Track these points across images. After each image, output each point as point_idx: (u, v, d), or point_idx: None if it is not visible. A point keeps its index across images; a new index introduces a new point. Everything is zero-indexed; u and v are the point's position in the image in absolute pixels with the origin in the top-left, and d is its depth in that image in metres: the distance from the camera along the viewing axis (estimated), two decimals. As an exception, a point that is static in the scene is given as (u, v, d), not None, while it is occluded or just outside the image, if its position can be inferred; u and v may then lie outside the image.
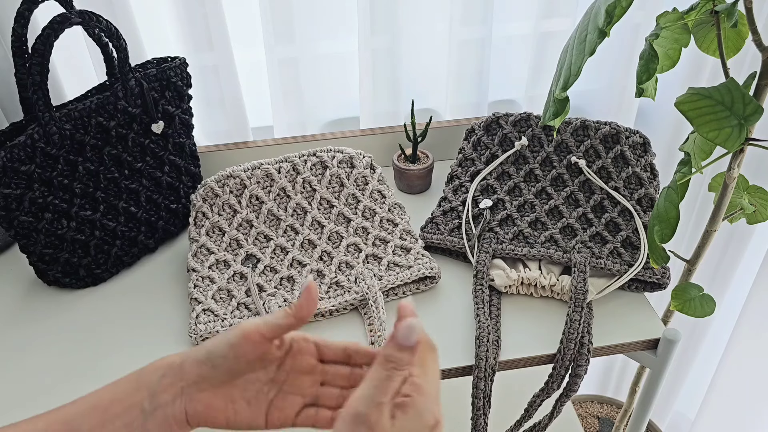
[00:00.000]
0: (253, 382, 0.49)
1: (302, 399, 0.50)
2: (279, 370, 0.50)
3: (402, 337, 0.42)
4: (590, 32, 0.56)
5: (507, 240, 0.83)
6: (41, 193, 0.76)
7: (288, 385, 0.50)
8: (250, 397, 0.49)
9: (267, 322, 0.47)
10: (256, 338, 0.46)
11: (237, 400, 0.48)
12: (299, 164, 0.86)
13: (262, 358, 0.48)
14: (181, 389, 0.46)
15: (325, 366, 0.50)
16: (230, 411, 0.48)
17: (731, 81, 0.58)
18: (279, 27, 0.96)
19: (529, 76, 1.08)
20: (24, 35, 0.75)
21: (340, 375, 0.50)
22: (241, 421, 0.48)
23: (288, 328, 0.47)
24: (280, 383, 0.50)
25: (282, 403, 0.49)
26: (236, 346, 0.46)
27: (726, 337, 1.21)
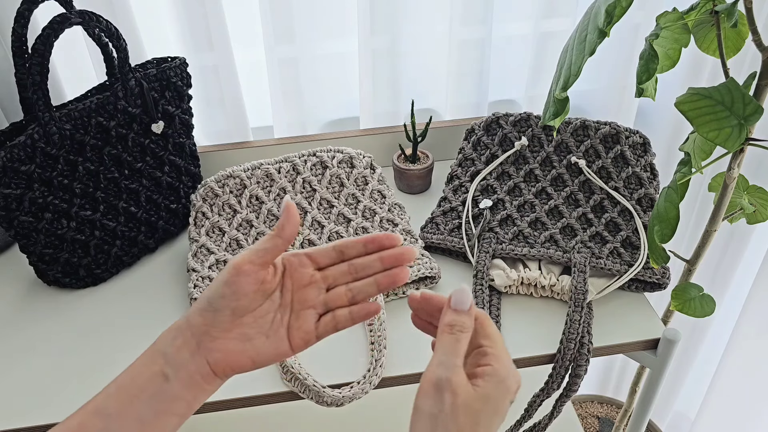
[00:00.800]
0: (263, 315, 0.49)
1: (315, 311, 0.50)
2: (282, 294, 0.50)
3: (456, 302, 0.44)
4: (590, 32, 0.56)
5: (507, 240, 0.83)
6: (41, 193, 0.76)
7: (296, 303, 0.50)
8: (266, 329, 0.49)
9: (255, 249, 0.47)
10: (249, 269, 0.46)
11: (253, 336, 0.48)
12: (299, 164, 0.86)
13: (262, 289, 0.48)
14: (196, 344, 0.47)
15: (324, 271, 0.51)
16: (251, 350, 0.48)
17: (731, 81, 0.58)
18: (279, 27, 0.96)
19: (529, 76, 1.08)
20: (24, 35, 0.75)
21: (340, 273, 0.51)
22: (266, 355, 0.49)
23: (276, 250, 0.47)
24: (289, 305, 0.50)
25: (298, 323, 0.50)
26: (232, 282, 0.46)
27: (726, 337, 1.21)
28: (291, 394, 0.70)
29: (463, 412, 0.40)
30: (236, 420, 1.12)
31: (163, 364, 0.46)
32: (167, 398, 0.46)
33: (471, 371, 0.43)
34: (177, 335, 0.47)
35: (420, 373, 0.71)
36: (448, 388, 0.41)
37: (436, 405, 0.41)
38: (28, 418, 0.68)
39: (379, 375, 0.69)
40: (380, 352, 0.71)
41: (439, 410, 0.40)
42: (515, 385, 0.43)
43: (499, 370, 0.43)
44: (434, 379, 0.41)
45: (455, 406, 0.40)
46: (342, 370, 0.71)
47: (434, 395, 0.41)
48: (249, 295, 0.47)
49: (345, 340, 0.75)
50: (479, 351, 0.44)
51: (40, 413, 0.68)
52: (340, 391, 0.67)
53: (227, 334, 0.47)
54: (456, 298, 0.45)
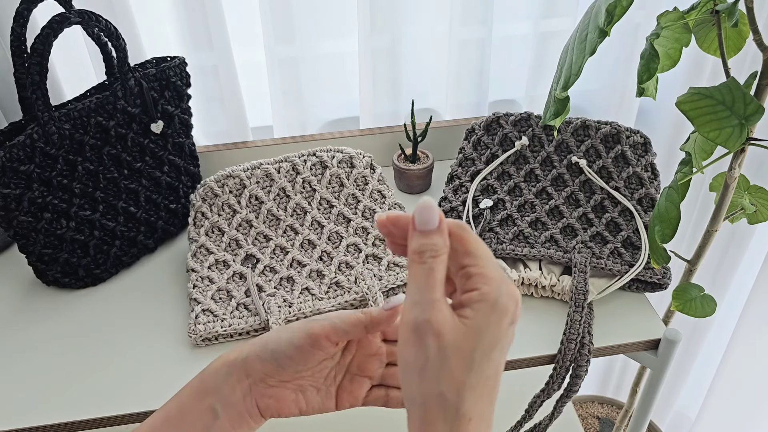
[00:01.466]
0: (321, 369, 0.48)
1: (370, 381, 0.50)
2: (344, 354, 0.49)
3: (421, 222, 0.36)
4: (591, 32, 0.56)
5: (507, 240, 0.83)
6: (40, 193, 0.76)
7: (355, 368, 0.49)
8: (319, 384, 0.48)
9: (336, 328, 0.45)
10: (324, 343, 0.45)
11: (306, 388, 0.48)
12: (299, 164, 0.86)
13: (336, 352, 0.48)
14: (249, 386, 0.46)
15: (391, 345, 0.50)
16: (301, 401, 0.48)
17: (732, 81, 0.58)
18: (279, 27, 0.96)
19: (529, 76, 1.08)
20: (23, 35, 0.74)
21: None
22: (312, 408, 0.48)
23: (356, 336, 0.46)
24: (346, 366, 0.49)
25: (350, 386, 0.49)
26: (303, 350, 0.45)
27: (727, 337, 1.21)
28: (291, 394, 0.69)
29: (453, 354, 0.33)
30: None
31: (213, 401, 0.45)
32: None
33: (458, 300, 0.35)
34: (231, 372, 0.46)
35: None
36: (430, 331, 0.33)
37: (420, 353, 0.34)
38: (28, 418, 0.68)
39: (379, 375, 0.69)
40: (380, 352, 0.70)
41: (425, 358, 0.34)
42: (512, 302, 0.35)
43: (488, 293, 0.34)
44: (412, 323, 0.34)
45: (442, 350, 0.33)
46: (342, 371, 0.71)
47: (416, 342, 0.34)
48: (315, 364, 0.47)
49: (345, 341, 0.75)
50: (462, 273, 0.36)
51: (40, 413, 0.68)
52: (340, 392, 0.67)
53: (284, 384, 0.47)
54: (420, 217, 0.36)
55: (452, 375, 0.33)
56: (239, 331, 0.75)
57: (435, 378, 0.34)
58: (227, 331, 0.74)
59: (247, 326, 0.75)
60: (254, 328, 0.76)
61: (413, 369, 0.34)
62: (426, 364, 0.34)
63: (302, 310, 0.76)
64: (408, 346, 0.34)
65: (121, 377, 0.72)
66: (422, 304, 0.34)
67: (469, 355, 0.34)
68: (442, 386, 0.33)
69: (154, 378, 0.72)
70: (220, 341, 0.75)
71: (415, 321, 0.34)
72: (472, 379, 0.34)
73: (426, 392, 0.34)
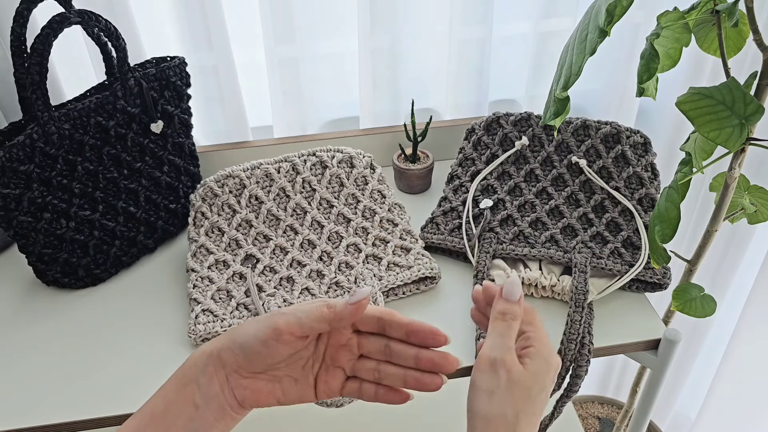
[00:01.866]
0: (296, 360, 0.49)
1: (343, 372, 0.51)
2: (317, 345, 0.50)
3: (508, 293, 0.50)
4: (591, 31, 0.55)
5: (507, 240, 0.83)
6: (40, 193, 0.76)
7: (329, 358, 0.51)
8: (296, 374, 0.50)
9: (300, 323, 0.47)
10: (288, 338, 0.47)
11: (282, 379, 0.49)
12: (299, 164, 0.86)
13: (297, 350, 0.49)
14: (225, 377, 0.47)
15: (361, 339, 0.51)
16: (278, 391, 0.49)
17: (732, 80, 0.58)
18: (279, 27, 0.96)
19: (529, 76, 1.08)
20: (23, 35, 0.74)
21: (376, 348, 0.50)
22: (291, 398, 0.50)
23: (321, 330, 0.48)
24: (321, 357, 0.51)
25: (326, 376, 0.51)
26: (269, 344, 0.47)
27: (727, 337, 1.21)
28: (290, 394, 0.69)
29: (516, 387, 0.46)
30: (236, 420, 1.12)
31: (195, 392, 0.47)
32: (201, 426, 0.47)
33: (518, 353, 0.48)
34: (208, 363, 0.47)
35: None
36: (503, 367, 0.46)
37: (493, 381, 0.46)
38: (28, 418, 0.68)
39: (378, 375, 0.69)
40: (380, 352, 0.70)
41: (496, 386, 0.46)
42: (555, 364, 0.50)
43: (542, 350, 0.49)
44: (490, 358, 0.47)
45: (510, 382, 0.46)
46: (342, 371, 0.71)
47: (490, 373, 0.46)
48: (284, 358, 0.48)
49: (345, 341, 0.75)
50: (524, 336, 0.50)
51: (40, 413, 0.68)
52: (340, 392, 0.67)
53: (258, 375, 0.48)
54: (507, 290, 0.50)
55: (515, 402, 0.46)
56: (239, 331, 0.75)
57: (501, 402, 0.46)
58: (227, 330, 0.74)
59: (247, 326, 0.75)
60: (254, 328, 0.75)
61: (484, 392, 0.46)
62: (495, 390, 0.46)
63: (302, 310, 0.76)
64: (483, 374, 0.47)
65: (121, 377, 0.72)
66: (500, 347, 0.47)
67: (527, 390, 0.47)
68: (506, 409, 0.46)
69: (154, 378, 0.71)
70: (220, 341, 0.75)
71: (494, 357, 0.47)
72: (528, 408, 0.46)
73: (492, 411, 0.46)
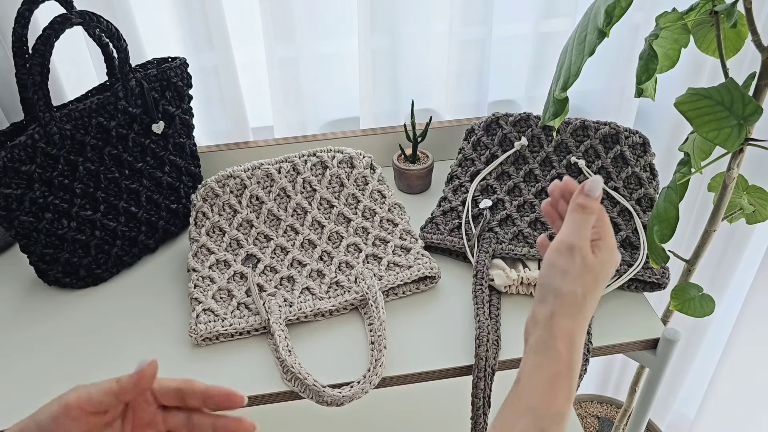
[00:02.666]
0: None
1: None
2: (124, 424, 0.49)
3: (590, 189, 0.54)
4: (590, 32, 0.56)
5: (507, 240, 0.83)
6: (42, 193, 0.76)
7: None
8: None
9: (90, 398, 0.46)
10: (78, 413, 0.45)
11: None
12: (299, 164, 0.86)
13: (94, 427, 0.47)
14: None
15: (165, 414, 0.50)
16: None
17: (731, 81, 0.58)
18: (279, 27, 0.96)
19: (528, 76, 1.08)
20: (24, 35, 0.75)
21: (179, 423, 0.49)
22: None
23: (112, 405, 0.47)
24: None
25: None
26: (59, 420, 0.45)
27: (725, 336, 1.21)
28: (291, 393, 0.70)
29: (588, 272, 0.52)
30: (236, 420, 1.12)
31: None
32: None
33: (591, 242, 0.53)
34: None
35: (419, 373, 0.71)
36: (579, 252, 0.52)
37: (568, 263, 0.52)
38: (28, 417, 0.68)
39: (379, 375, 0.69)
40: (380, 352, 0.71)
41: (571, 267, 0.51)
42: (618, 258, 0.55)
43: (608, 242, 0.54)
44: (569, 242, 0.52)
45: (584, 266, 0.51)
46: (342, 370, 0.71)
47: (567, 255, 0.52)
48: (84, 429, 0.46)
49: (345, 340, 0.75)
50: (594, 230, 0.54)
51: (41, 413, 0.68)
52: (340, 391, 0.68)
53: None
54: (590, 186, 0.54)
55: (585, 284, 0.51)
56: (240, 330, 0.75)
57: (574, 282, 0.51)
58: (228, 330, 0.74)
59: (248, 326, 0.75)
60: (255, 327, 0.76)
61: (559, 271, 0.52)
62: (570, 271, 0.51)
63: (302, 310, 0.77)
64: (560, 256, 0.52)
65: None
66: (578, 235, 0.53)
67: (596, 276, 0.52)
68: (577, 288, 0.51)
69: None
70: (221, 341, 0.76)
71: (572, 243, 0.52)
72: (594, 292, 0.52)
73: (565, 288, 0.51)
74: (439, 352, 0.73)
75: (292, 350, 0.72)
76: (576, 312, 0.51)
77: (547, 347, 0.50)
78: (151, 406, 0.49)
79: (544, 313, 0.51)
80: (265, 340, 0.76)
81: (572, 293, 0.51)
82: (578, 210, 0.54)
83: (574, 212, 0.54)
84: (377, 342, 0.72)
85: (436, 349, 0.73)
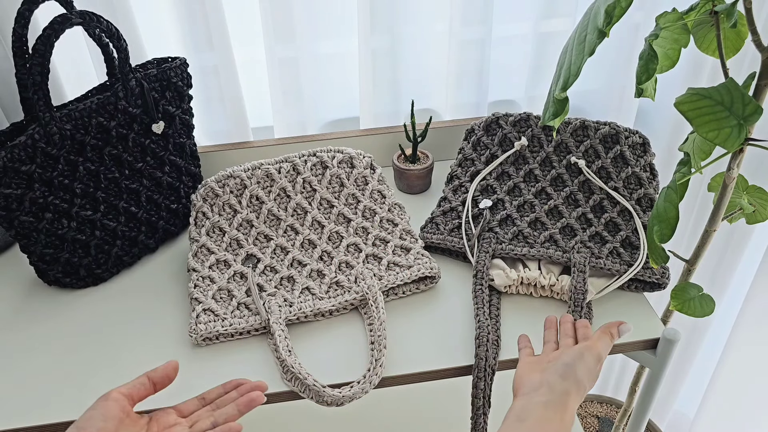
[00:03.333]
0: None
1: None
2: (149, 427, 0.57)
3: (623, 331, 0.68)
4: (590, 32, 0.56)
5: (507, 240, 0.83)
6: (42, 193, 0.76)
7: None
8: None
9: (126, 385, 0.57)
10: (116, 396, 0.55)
11: None
12: (299, 164, 0.86)
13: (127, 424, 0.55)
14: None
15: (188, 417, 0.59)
16: None
17: (731, 81, 0.58)
18: (279, 27, 0.96)
19: (528, 77, 1.08)
20: (24, 35, 0.75)
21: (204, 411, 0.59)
22: None
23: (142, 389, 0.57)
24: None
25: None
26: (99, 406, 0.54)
27: (725, 336, 1.21)
28: (291, 393, 0.70)
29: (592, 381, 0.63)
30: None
31: None
32: None
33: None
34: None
35: (419, 373, 0.71)
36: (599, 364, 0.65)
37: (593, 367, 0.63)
38: (28, 418, 0.68)
39: (379, 375, 0.69)
40: (380, 351, 0.71)
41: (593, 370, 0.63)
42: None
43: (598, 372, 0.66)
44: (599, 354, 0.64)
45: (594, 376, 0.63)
46: (342, 370, 0.71)
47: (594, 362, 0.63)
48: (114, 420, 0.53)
49: (345, 340, 0.75)
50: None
51: (40, 413, 0.69)
52: (340, 391, 0.68)
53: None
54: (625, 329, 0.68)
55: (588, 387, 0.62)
56: (240, 330, 0.75)
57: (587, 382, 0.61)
58: (228, 330, 0.74)
59: (248, 326, 0.75)
60: (255, 327, 0.76)
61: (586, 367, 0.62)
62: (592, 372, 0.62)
63: (302, 310, 0.77)
64: (591, 358, 0.63)
65: (121, 377, 0.72)
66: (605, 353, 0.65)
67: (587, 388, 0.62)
68: (587, 386, 0.61)
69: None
70: (221, 341, 0.76)
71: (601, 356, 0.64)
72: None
73: (583, 382, 0.61)
74: (439, 352, 0.73)
75: (292, 350, 0.72)
76: (577, 403, 0.60)
77: (557, 412, 0.58)
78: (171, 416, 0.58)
79: (562, 388, 0.59)
80: (265, 340, 0.76)
81: (585, 389, 0.61)
82: (609, 336, 0.66)
83: (606, 335, 0.66)
84: (377, 342, 0.72)
85: (436, 349, 0.73)
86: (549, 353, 0.65)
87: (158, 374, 0.59)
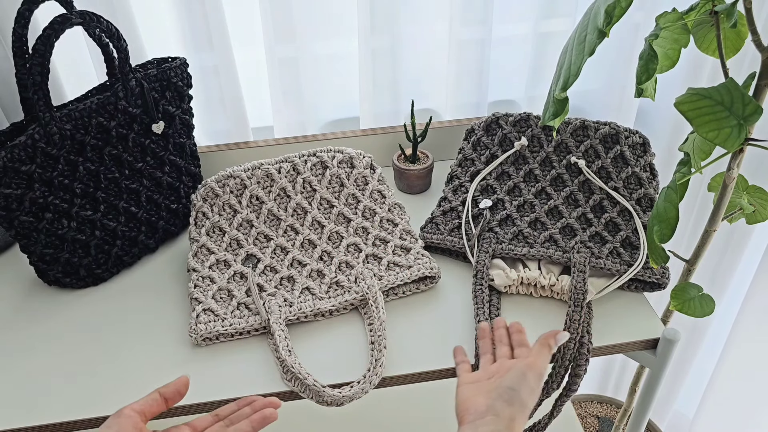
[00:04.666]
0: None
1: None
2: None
3: (560, 338, 0.67)
4: (590, 32, 0.56)
5: (507, 240, 0.83)
6: (42, 193, 0.76)
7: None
8: None
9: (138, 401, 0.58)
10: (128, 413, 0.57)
11: None
12: (299, 164, 0.86)
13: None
14: None
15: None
16: None
17: (731, 81, 0.58)
18: (279, 27, 0.96)
19: (528, 76, 1.08)
20: (24, 35, 0.75)
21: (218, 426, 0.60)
22: None
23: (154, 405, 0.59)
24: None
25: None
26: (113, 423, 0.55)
27: (725, 336, 1.21)
28: (291, 393, 0.70)
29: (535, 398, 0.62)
30: (236, 420, 1.12)
31: None
32: None
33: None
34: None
35: (419, 372, 0.71)
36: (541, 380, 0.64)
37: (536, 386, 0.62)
38: (28, 418, 0.68)
39: (379, 375, 0.69)
40: (380, 351, 0.71)
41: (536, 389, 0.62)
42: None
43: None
44: (541, 371, 0.63)
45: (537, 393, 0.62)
46: (342, 370, 0.71)
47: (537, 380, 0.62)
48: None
49: (345, 340, 0.75)
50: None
51: (40, 413, 0.69)
52: (340, 391, 0.68)
53: None
54: (561, 336, 0.67)
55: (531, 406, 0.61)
56: (240, 330, 0.75)
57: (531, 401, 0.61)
58: (228, 330, 0.74)
59: (248, 326, 0.75)
60: (255, 327, 0.76)
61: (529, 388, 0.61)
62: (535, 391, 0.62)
63: (302, 310, 0.77)
64: (533, 377, 0.62)
65: (121, 377, 0.72)
66: (545, 367, 0.64)
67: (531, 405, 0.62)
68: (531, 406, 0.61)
69: (155, 378, 0.72)
70: (221, 341, 0.76)
71: (542, 372, 0.63)
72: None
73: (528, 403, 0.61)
74: (439, 352, 0.73)
75: (292, 350, 0.72)
76: (523, 424, 0.60)
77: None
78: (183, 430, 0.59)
79: (508, 414, 0.59)
80: (265, 340, 0.76)
81: (528, 409, 0.60)
82: (548, 348, 0.65)
83: (544, 348, 0.65)
84: (377, 342, 0.72)
85: (436, 349, 0.73)
86: (488, 367, 0.65)
87: (170, 390, 0.60)
